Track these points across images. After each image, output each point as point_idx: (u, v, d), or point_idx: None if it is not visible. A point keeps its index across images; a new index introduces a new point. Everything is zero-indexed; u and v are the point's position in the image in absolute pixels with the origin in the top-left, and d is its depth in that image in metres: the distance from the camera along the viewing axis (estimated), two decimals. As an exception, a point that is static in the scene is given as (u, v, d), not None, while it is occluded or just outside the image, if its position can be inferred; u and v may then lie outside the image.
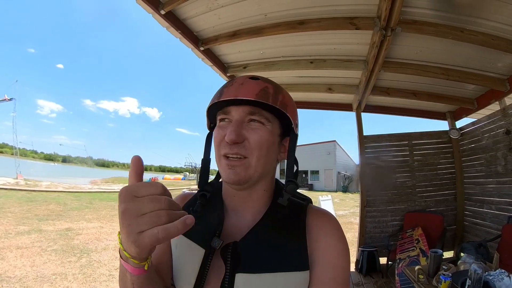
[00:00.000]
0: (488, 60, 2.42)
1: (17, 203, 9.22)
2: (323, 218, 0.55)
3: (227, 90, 0.51)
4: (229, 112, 0.52)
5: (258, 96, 0.49)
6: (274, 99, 0.50)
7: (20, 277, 3.56)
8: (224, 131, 0.52)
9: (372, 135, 3.83)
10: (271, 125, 0.52)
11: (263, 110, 0.51)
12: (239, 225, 0.54)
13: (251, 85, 0.50)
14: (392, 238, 3.47)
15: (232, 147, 0.50)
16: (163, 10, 1.95)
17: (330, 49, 2.47)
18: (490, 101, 3.00)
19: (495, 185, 3.09)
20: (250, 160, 0.51)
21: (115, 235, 6.09)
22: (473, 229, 3.42)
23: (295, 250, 0.49)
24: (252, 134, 0.51)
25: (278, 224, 0.52)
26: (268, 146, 0.52)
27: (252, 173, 0.51)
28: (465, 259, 1.92)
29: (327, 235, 0.52)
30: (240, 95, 0.49)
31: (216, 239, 0.51)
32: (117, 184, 26.28)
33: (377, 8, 1.84)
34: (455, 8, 1.81)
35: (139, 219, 0.34)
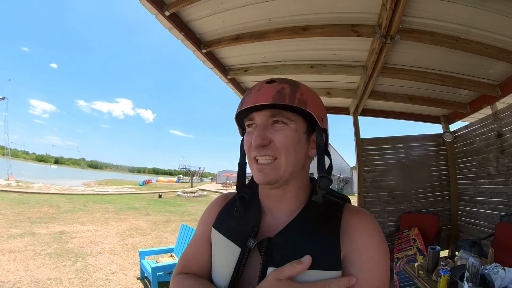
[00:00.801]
0: (481, 67, 2.51)
1: (8, 205, 9.04)
2: (359, 218, 0.54)
3: (247, 98, 0.54)
4: (253, 118, 0.56)
5: (274, 99, 0.51)
6: (291, 98, 0.52)
7: (13, 282, 3.49)
8: (251, 138, 0.54)
9: (368, 138, 3.91)
10: (294, 124, 0.54)
11: (283, 110, 0.53)
12: (274, 224, 0.56)
13: (267, 89, 0.53)
14: (389, 238, 3.54)
15: (260, 150, 0.53)
16: (168, 12, 1.97)
17: (330, 54, 2.53)
18: (482, 105, 3.10)
19: (487, 185, 3.19)
20: (280, 161, 0.53)
21: (111, 238, 6.03)
22: (467, 228, 3.51)
23: (327, 249, 0.49)
24: (276, 135, 0.53)
25: (311, 222, 0.53)
26: (294, 144, 0.54)
27: (282, 173, 0.53)
28: (461, 255, 1.99)
29: (363, 235, 0.51)
30: (258, 101, 0.52)
31: (251, 240, 0.54)
32: (110, 186, 25.92)
33: (378, 16, 1.91)
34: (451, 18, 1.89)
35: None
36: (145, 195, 18.16)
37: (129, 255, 4.93)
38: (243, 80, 3.32)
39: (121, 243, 5.76)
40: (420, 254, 2.80)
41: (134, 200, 14.45)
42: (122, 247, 5.44)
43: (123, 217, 9.00)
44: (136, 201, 14.30)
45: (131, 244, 5.69)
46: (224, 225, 0.61)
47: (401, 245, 3.17)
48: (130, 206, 11.97)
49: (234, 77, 3.10)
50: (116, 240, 5.96)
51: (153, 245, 5.66)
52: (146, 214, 9.88)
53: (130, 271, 4.17)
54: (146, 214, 10.01)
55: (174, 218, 9.37)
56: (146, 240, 6.08)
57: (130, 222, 8.08)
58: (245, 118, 0.58)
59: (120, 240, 5.98)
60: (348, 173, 25.87)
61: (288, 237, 0.52)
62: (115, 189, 21.13)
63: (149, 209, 11.27)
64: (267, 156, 0.53)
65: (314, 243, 0.50)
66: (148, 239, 6.15)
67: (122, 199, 14.83)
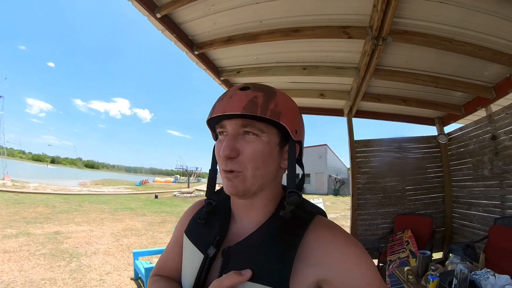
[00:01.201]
0: (475, 69, 2.51)
1: (4, 205, 8.97)
2: (327, 233, 0.50)
3: (218, 105, 0.51)
4: (224, 126, 0.53)
5: (245, 109, 0.48)
6: (263, 108, 0.48)
7: (7, 282, 3.47)
8: (220, 148, 0.52)
9: (362, 140, 3.90)
10: (266, 136, 0.51)
11: (255, 121, 0.50)
12: (241, 232, 0.56)
13: (239, 97, 0.50)
14: (383, 240, 3.54)
15: (227, 163, 0.50)
16: (159, 14, 1.96)
17: (323, 56, 2.52)
18: (476, 107, 3.11)
19: (482, 188, 3.19)
20: (245, 174, 0.50)
21: (106, 239, 6.00)
22: (461, 230, 3.52)
23: (277, 265, 0.47)
24: (246, 147, 0.50)
25: (271, 236, 0.51)
26: (264, 157, 0.51)
27: (249, 185, 0.51)
28: (452, 259, 1.99)
29: (332, 252, 0.47)
30: (228, 109, 0.49)
31: (212, 248, 0.54)
32: (107, 186, 25.82)
33: (369, 18, 1.90)
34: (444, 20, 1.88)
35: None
36: (141, 195, 18.09)
37: (123, 256, 4.91)
38: (237, 81, 3.30)
39: (116, 243, 5.73)
40: (413, 256, 2.80)
41: (130, 201, 14.39)
42: (117, 248, 5.42)
43: (119, 217, 8.96)
44: (132, 201, 14.24)
45: (126, 245, 5.66)
46: (193, 231, 0.62)
47: (394, 247, 3.17)
48: (126, 206, 11.92)
49: (228, 78, 3.09)
50: (111, 240, 5.94)
51: (148, 246, 5.64)
52: (142, 215, 9.85)
53: (124, 272, 4.16)
54: (142, 214, 9.97)
55: (169, 218, 9.34)
56: (141, 241, 6.05)
57: (126, 223, 8.04)
58: (217, 124, 0.55)
59: (115, 240, 5.96)
60: (345, 174, 25.90)
61: (246, 247, 0.52)
62: (112, 189, 21.04)
63: (145, 210, 11.22)
64: (232, 170, 0.51)
65: (266, 257, 0.48)
66: (143, 240, 6.12)
67: (118, 199, 14.77)
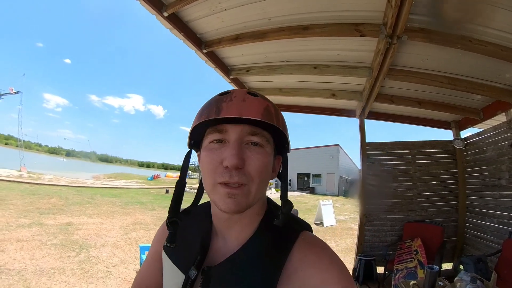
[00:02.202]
0: (496, 71, 2.37)
1: (19, 195, 9.32)
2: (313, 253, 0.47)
3: (226, 105, 0.45)
4: (225, 130, 0.47)
5: (263, 115, 0.45)
6: (276, 118, 0.47)
7: (19, 269, 3.60)
8: (219, 155, 0.46)
9: (374, 143, 3.79)
10: (269, 147, 0.49)
11: (264, 130, 0.48)
12: (223, 250, 0.52)
13: (254, 102, 0.46)
14: (391, 247, 3.43)
15: (233, 174, 0.44)
16: (166, 12, 1.95)
17: (334, 55, 2.44)
18: (496, 112, 2.95)
19: (498, 198, 3.03)
20: (250, 187, 0.46)
21: (115, 232, 6.13)
22: (474, 241, 3.37)
23: (263, 284, 0.45)
24: (252, 159, 0.46)
25: (256, 256, 0.48)
26: (267, 170, 0.49)
27: (251, 200, 0.47)
28: (462, 276, 1.88)
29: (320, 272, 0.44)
30: (245, 113, 0.44)
31: (193, 269, 0.50)
32: (119, 180, 26.45)
33: (383, 15, 1.81)
34: (464, 18, 1.77)
35: None
36: (152, 190, 18.42)
37: (131, 249, 5.01)
38: (246, 80, 3.27)
39: (124, 237, 5.85)
40: (421, 267, 2.69)
41: (141, 195, 14.67)
42: (125, 241, 5.53)
43: (129, 211, 9.14)
44: (143, 195, 14.52)
45: (134, 238, 5.77)
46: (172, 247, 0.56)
47: (402, 256, 3.06)
48: (136, 200, 12.16)
49: (237, 77, 3.06)
50: (120, 233, 6.07)
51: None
52: (152, 209, 10.01)
53: (130, 265, 4.23)
54: (152, 209, 10.14)
55: (178, 214, 9.45)
56: (149, 235, 6.15)
57: (135, 217, 8.20)
58: (211, 128, 0.48)
59: (124, 234, 6.08)
60: (356, 175, 25.44)
61: (229, 268, 0.48)
62: (123, 183, 21.52)
63: (155, 204, 11.41)
64: (239, 183, 0.45)
65: (250, 279, 0.45)
66: (151, 234, 6.21)
67: (129, 193, 15.10)
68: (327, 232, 7.95)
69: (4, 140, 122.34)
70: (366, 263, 3.37)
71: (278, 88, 3.32)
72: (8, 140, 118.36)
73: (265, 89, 3.40)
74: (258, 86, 3.41)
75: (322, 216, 8.94)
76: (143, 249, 3.93)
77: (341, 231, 8.18)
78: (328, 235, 7.48)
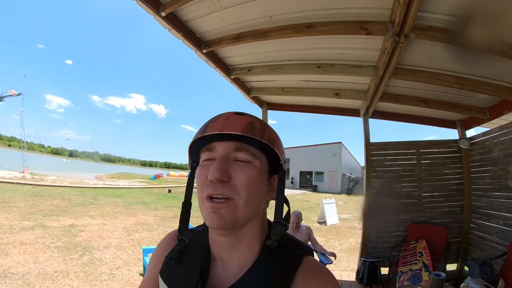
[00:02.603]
0: (503, 70, 2.31)
1: (22, 197, 9.36)
2: (315, 285, 0.47)
3: (211, 125, 0.49)
4: (213, 148, 0.49)
5: (244, 130, 0.47)
6: (261, 133, 0.48)
7: (22, 273, 3.60)
8: (206, 171, 0.47)
9: (379, 142, 3.74)
10: (258, 162, 0.49)
11: (249, 146, 0.48)
12: (223, 277, 0.50)
13: (236, 120, 0.49)
14: (395, 249, 3.39)
15: (217, 186, 0.45)
16: (164, 12, 1.89)
17: (338, 53, 2.39)
18: (503, 111, 2.90)
19: (504, 199, 2.98)
20: (237, 202, 0.46)
21: (118, 233, 6.14)
22: (479, 243, 3.32)
23: None
24: (239, 173, 0.46)
25: (261, 282, 0.47)
26: (257, 185, 0.48)
27: (240, 215, 0.46)
28: (468, 282, 1.84)
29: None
30: (226, 129, 0.47)
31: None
32: (122, 180, 26.54)
33: (390, 12, 1.74)
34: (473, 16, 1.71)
35: None
36: (155, 189, 18.46)
37: (134, 251, 5.00)
38: (248, 79, 3.22)
39: (127, 238, 5.85)
40: (426, 270, 2.65)
41: (143, 195, 14.71)
42: (128, 242, 5.52)
43: (132, 211, 9.16)
44: (146, 195, 14.56)
45: (137, 240, 5.77)
46: (169, 272, 0.54)
47: (407, 257, 3.01)
48: (139, 200, 12.19)
49: (238, 76, 3.01)
50: (123, 235, 6.07)
51: (158, 241, 5.71)
52: (155, 209, 10.03)
53: (134, 267, 4.22)
54: (155, 209, 10.16)
55: (181, 214, 9.46)
56: (152, 236, 6.15)
57: (138, 217, 8.21)
58: (203, 148, 0.51)
59: (127, 235, 6.08)
60: (359, 173, 25.38)
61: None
62: (126, 183, 21.59)
63: (158, 204, 11.43)
64: (223, 195, 0.45)
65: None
66: (154, 235, 6.21)
67: (132, 193, 15.14)
68: (330, 231, 7.91)
69: (7, 142, 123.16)
70: (370, 265, 3.33)
71: (280, 88, 3.27)
72: (11, 142, 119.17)
73: (267, 88, 3.35)
74: (259, 85, 3.36)
75: (325, 215, 8.90)
76: (146, 251, 3.92)
77: (345, 230, 8.14)
78: (332, 234, 7.44)
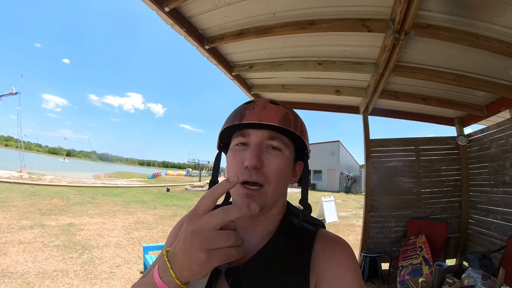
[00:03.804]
0: (501, 68, 2.35)
1: (20, 197, 9.29)
2: (334, 246, 0.53)
3: (249, 112, 0.51)
4: (248, 134, 0.52)
5: (281, 121, 0.50)
6: (294, 125, 0.52)
7: (21, 272, 3.58)
8: (241, 157, 0.51)
9: (378, 139, 3.78)
10: (288, 151, 0.53)
11: (283, 135, 0.52)
12: (246, 248, 0.52)
13: (273, 110, 0.51)
14: (395, 244, 3.43)
15: (252, 173, 0.49)
16: (167, 7, 1.90)
17: (339, 50, 2.41)
18: (500, 108, 2.94)
19: (501, 194, 3.04)
20: (267, 189, 0.50)
21: (117, 232, 6.11)
22: (477, 238, 3.38)
23: (296, 278, 0.48)
24: (271, 161, 0.50)
25: (282, 251, 0.51)
26: (285, 173, 0.52)
27: (268, 201, 0.51)
28: (469, 272, 1.87)
29: (337, 265, 0.50)
30: (264, 119, 0.49)
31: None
32: (120, 179, 26.43)
33: (391, 10, 1.77)
34: (471, 13, 1.74)
35: (211, 236, 0.36)
36: (153, 188, 18.41)
37: (134, 249, 4.99)
38: (249, 76, 3.23)
39: (127, 236, 5.83)
40: (426, 264, 2.69)
41: (142, 194, 14.66)
42: (128, 241, 5.51)
43: (131, 210, 9.13)
44: (144, 194, 14.51)
45: (137, 238, 5.75)
46: None
47: (407, 252, 3.05)
48: (138, 199, 12.15)
49: (239, 73, 3.02)
50: (122, 233, 6.05)
51: (158, 240, 5.71)
52: (153, 208, 10.00)
53: (134, 265, 4.22)
54: (154, 207, 10.13)
55: (180, 212, 9.44)
56: (151, 234, 6.14)
57: (137, 216, 8.19)
58: (237, 132, 0.54)
59: (126, 233, 6.06)
60: (357, 171, 25.50)
61: (257, 267, 0.49)
62: (124, 182, 21.51)
63: (157, 203, 11.40)
64: (257, 182, 0.49)
65: (283, 276, 0.48)
66: (154, 233, 6.20)
67: (130, 192, 15.08)
68: (330, 228, 7.67)
69: (4, 142, 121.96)
70: (371, 260, 3.36)
71: (281, 85, 3.29)
72: (8, 142, 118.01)
73: (268, 85, 3.36)
74: (261, 83, 3.37)
75: (324, 213, 8.94)
76: (146, 249, 3.92)
77: (343, 227, 8.18)
78: (330, 232, 7.47)
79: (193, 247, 0.36)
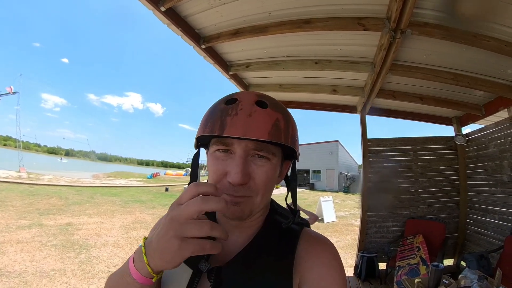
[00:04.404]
0: (498, 67, 2.33)
1: (19, 196, 9.27)
2: (318, 246, 0.52)
3: (231, 121, 0.43)
4: (231, 144, 0.46)
5: (270, 135, 0.43)
6: (285, 134, 0.46)
7: (19, 272, 3.58)
8: (224, 166, 0.46)
9: (376, 139, 3.77)
10: (276, 158, 0.49)
11: (270, 145, 0.47)
12: (229, 248, 0.51)
13: (260, 117, 0.44)
14: (393, 244, 3.43)
15: (238, 189, 0.45)
16: (163, 7, 1.89)
17: (336, 49, 2.40)
18: (498, 108, 2.92)
19: (499, 194, 3.02)
20: (255, 199, 0.48)
21: (115, 231, 6.11)
22: (475, 238, 3.37)
23: (279, 278, 0.47)
24: (258, 173, 0.46)
25: (265, 250, 0.50)
26: (273, 180, 0.50)
27: (255, 207, 0.49)
28: (466, 273, 1.86)
29: (321, 265, 0.49)
30: (250, 132, 0.42)
31: (203, 262, 0.48)
32: (119, 178, 26.39)
33: (387, 8, 1.76)
34: (468, 12, 1.73)
35: (186, 224, 0.35)
36: (152, 188, 18.40)
37: (132, 249, 4.99)
38: (246, 76, 3.22)
39: (125, 236, 5.83)
40: (423, 264, 2.69)
41: (141, 193, 14.65)
42: (126, 240, 5.51)
43: (129, 210, 9.12)
44: (143, 194, 14.50)
45: (135, 238, 5.75)
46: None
47: (404, 252, 3.05)
48: (136, 199, 12.14)
49: (236, 73, 3.01)
50: (120, 233, 6.05)
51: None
52: (152, 208, 10.00)
53: (131, 265, 4.21)
54: (152, 207, 10.13)
55: (179, 212, 9.44)
56: (149, 234, 6.14)
57: (135, 215, 8.18)
58: (217, 139, 0.47)
59: (124, 233, 6.06)
60: (355, 171, 25.52)
61: (239, 267, 0.48)
62: (123, 182, 21.48)
63: (155, 203, 11.39)
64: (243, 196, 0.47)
65: (267, 272, 0.47)
66: (152, 233, 6.20)
67: (129, 191, 15.07)
68: (328, 228, 7.95)
69: (2, 141, 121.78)
70: (368, 260, 3.36)
71: (278, 84, 3.28)
72: (7, 141, 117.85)
73: (265, 85, 3.35)
74: (257, 82, 3.36)
75: (322, 213, 8.94)
76: (144, 249, 3.93)
77: (342, 227, 8.19)
78: (329, 232, 7.48)
79: (167, 234, 0.36)
